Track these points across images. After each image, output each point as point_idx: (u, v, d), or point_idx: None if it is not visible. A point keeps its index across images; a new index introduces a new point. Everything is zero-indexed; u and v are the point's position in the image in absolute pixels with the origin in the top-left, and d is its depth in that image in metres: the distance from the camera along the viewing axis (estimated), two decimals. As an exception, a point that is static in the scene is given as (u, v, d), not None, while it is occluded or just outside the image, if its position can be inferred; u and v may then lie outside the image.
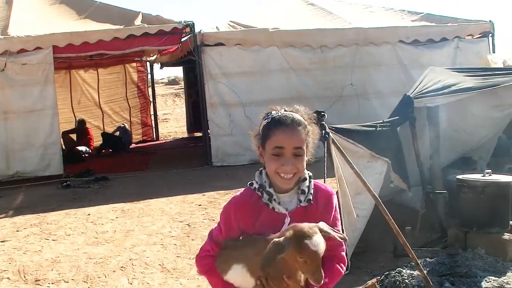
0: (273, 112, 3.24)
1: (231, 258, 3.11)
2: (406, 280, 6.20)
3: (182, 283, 7.07)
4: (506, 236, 7.03)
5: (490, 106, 9.21)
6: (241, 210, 3.18)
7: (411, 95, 7.97)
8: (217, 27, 15.87)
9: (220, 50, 15.45)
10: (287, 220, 3.10)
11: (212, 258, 3.21)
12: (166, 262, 7.84)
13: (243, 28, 15.96)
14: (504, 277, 6.40)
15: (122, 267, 7.73)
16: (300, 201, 3.15)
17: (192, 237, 8.98)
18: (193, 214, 10.36)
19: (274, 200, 3.15)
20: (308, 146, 3.15)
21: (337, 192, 6.85)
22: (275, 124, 3.15)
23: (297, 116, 3.19)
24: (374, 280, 6.17)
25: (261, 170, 3.32)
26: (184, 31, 15.55)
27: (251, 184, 3.30)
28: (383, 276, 6.48)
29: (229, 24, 16.13)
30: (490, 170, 7.30)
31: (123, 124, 21.13)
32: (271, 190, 3.18)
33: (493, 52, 17.18)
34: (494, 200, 7.08)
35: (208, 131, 15.79)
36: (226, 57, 15.42)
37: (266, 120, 3.23)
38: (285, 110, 3.25)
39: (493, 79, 8.82)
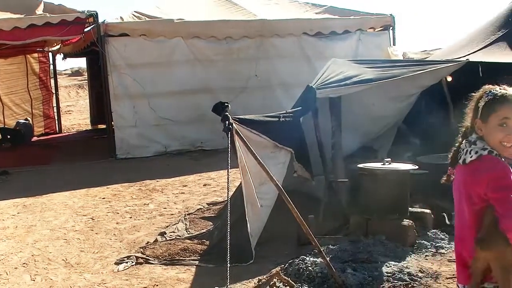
0: (493, 90, 3.52)
1: None
2: (310, 268, 6.30)
3: (86, 277, 6.95)
4: (406, 222, 7.27)
5: (390, 97, 9.48)
6: None
7: (313, 86, 8.08)
8: (121, 18, 15.63)
9: (124, 41, 15.24)
10: None
11: None
12: (70, 257, 7.70)
13: (147, 19, 15.78)
14: (404, 262, 6.63)
15: (24, 263, 7.53)
16: None
17: (96, 230, 8.85)
18: (97, 208, 10.22)
19: None
20: None
21: (240, 183, 6.91)
22: (502, 100, 3.44)
23: None
24: (278, 268, 6.24)
25: (475, 141, 3.54)
26: (87, 21, 15.19)
27: (491, 152, 3.46)
28: (287, 264, 6.57)
29: (133, 15, 15.91)
30: (390, 159, 7.51)
31: (26, 119, 20.44)
32: None
33: (394, 44, 17.63)
34: (393, 188, 7.30)
35: (112, 123, 15.58)
36: (131, 48, 15.22)
37: (488, 96, 3.50)
38: (500, 89, 3.52)
39: (393, 71, 9.04)
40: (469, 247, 3.47)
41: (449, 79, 10.80)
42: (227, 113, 5.94)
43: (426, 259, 6.87)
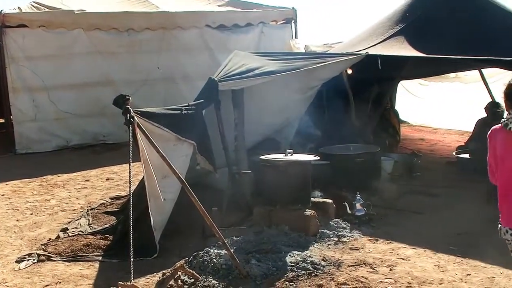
0: None
1: None
2: (214, 260, 6.31)
3: (-16, 277, 6.72)
4: (308, 212, 7.39)
5: (292, 89, 9.58)
6: None
7: (216, 79, 8.09)
8: (19, 8, 15.14)
9: (22, 32, 14.74)
10: None
11: None
12: (-33, 256, 7.42)
13: (47, 10, 15.34)
14: (307, 251, 6.75)
15: None
16: None
17: (-5, 228, 8.58)
18: (-4, 205, 9.89)
19: None
20: None
21: (143, 177, 6.84)
22: None
23: None
24: (182, 261, 6.21)
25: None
26: (-17, 11, 14.65)
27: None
28: (191, 257, 6.56)
29: (32, 5, 15.43)
30: (292, 150, 7.60)
31: None
32: None
33: (296, 37, 17.83)
34: (295, 179, 7.41)
35: (11, 117, 15.06)
36: (29, 40, 14.75)
37: None
38: None
39: (295, 63, 9.17)
40: None
41: (350, 71, 11.03)
42: (128, 106, 5.86)
43: (329, 248, 7.01)
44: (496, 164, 4.58)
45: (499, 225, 4.60)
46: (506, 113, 4.42)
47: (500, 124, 4.47)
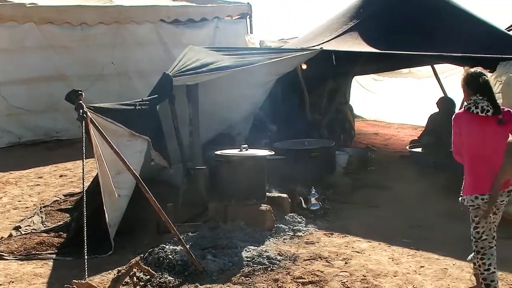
0: None
1: None
2: (170, 256, 6.30)
3: None
4: (263, 207, 7.42)
5: (247, 84, 9.58)
6: None
7: (170, 74, 8.04)
8: (-33, 1, 14.83)
9: (-29, 25, 14.47)
10: None
11: None
12: None
13: (-4, 2, 15.05)
14: (263, 246, 6.78)
15: None
16: None
17: None
18: None
19: None
20: None
21: (97, 174, 6.77)
22: None
23: None
24: (137, 258, 6.19)
25: None
26: None
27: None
28: (146, 253, 6.53)
29: (-19, -2, 15.14)
30: (247, 145, 7.61)
31: None
32: None
33: (251, 32, 17.84)
34: (251, 174, 7.42)
35: (-40, 113, 14.76)
36: (-21, 33, 14.48)
37: None
38: None
39: (250, 58, 9.17)
40: (498, 164, 5.17)
41: (304, 66, 11.09)
42: (81, 102, 5.80)
43: (284, 242, 7.05)
44: (461, 143, 5.39)
45: (460, 197, 5.48)
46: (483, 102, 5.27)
47: (463, 109, 5.41)
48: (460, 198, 5.47)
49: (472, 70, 5.52)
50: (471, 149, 5.34)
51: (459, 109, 5.74)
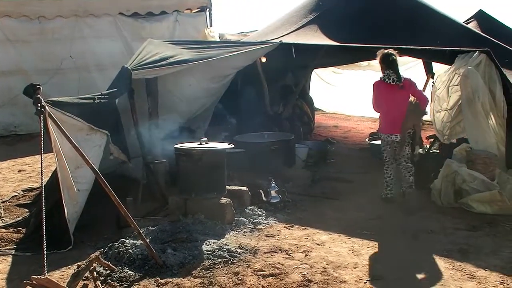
0: None
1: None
2: (130, 250, 6.27)
3: None
4: (223, 200, 7.43)
5: (207, 78, 9.60)
6: None
7: (129, 67, 8.00)
8: None
9: None
10: None
11: None
12: None
13: (-48, -5, 14.82)
14: (223, 239, 6.79)
15: None
16: None
17: None
18: None
19: None
20: None
21: (56, 168, 6.71)
22: None
23: None
24: (97, 252, 6.14)
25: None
26: None
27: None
28: (106, 248, 6.50)
29: None
30: (206, 139, 7.61)
31: None
32: None
33: (210, 26, 17.79)
34: (210, 167, 7.42)
35: None
36: None
37: None
38: None
39: (210, 52, 9.18)
40: (402, 118, 8.01)
41: (264, 59, 11.12)
42: (39, 96, 5.74)
43: (245, 235, 7.07)
44: (377, 106, 8.26)
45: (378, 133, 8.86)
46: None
47: (379, 79, 8.12)
48: (378, 133, 9.03)
49: (386, 51, 8.07)
50: (384, 105, 8.17)
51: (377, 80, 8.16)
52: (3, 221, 8.05)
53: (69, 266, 6.31)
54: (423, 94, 8.21)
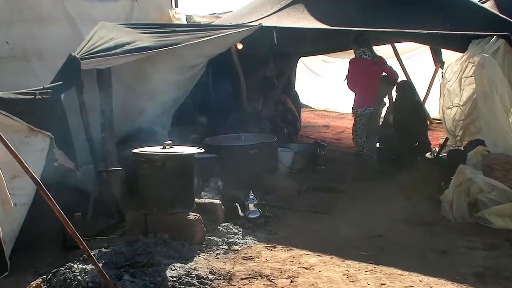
0: None
1: None
2: (79, 277, 6.21)
3: None
4: (192, 216, 7.37)
5: (171, 68, 9.59)
6: None
7: (77, 56, 7.96)
8: None
9: None
10: None
11: None
12: None
13: None
14: (192, 263, 6.74)
15: None
16: None
17: None
18: None
19: None
20: None
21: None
22: None
23: None
24: (39, 280, 6.11)
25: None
26: None
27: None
28: (50, 274, 6.43)
29: None
30: (171, 141, 7.57)
31: None
32: None
33: (176, 6, 17.74)
34: (176, 176, 7.38)
35: None
36: None
37: None
38: None
39: (175, 37, 9.16)
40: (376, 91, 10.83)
41: (240, 46, 11.11)
42: (-32, 91, 5.71)
43: (218, 258, 7.05)
44: (354, 82, 10.70)
45: (352, 110, 11.01)
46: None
47: (355, 57, 10.77)
48: (352, 111, 11.05)
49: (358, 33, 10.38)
50: (361, 80, 10.62)
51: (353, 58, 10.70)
52: None
53: (4, 297, 6.28)
54: (394, 70, 11.25)
